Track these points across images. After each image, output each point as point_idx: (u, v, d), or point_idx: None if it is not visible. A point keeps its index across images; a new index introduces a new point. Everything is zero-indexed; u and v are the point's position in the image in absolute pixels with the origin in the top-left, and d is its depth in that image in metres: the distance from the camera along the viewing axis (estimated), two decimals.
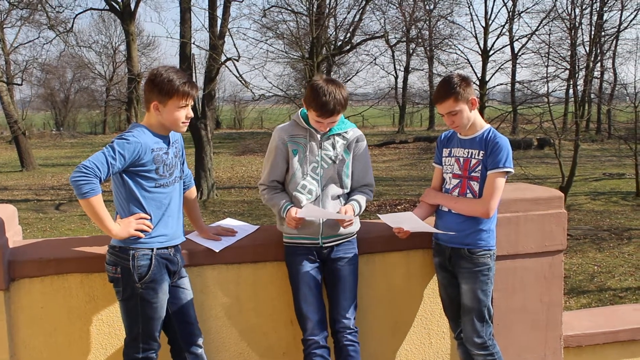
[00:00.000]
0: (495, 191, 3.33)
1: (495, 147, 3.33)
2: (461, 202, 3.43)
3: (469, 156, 3.44)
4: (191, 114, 3.22)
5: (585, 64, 16.63)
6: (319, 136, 3.51)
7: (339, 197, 3.54)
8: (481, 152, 3.39)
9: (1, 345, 3.28)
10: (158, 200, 3.15)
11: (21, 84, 34.59)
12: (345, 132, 3.57)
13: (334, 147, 3.53)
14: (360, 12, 23.05)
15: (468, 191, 3.43)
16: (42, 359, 3.41)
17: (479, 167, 3.39)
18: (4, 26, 35.25)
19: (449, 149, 3.58)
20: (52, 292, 3.38)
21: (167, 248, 3.19)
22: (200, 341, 3.36)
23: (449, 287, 3.60)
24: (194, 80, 3.24)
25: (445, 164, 3.58)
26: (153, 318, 3.15)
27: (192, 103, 3.25)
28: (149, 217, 3.12)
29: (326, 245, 3.51)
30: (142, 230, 3.09)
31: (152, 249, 3.13)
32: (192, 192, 3.60)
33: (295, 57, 23.03)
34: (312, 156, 3.50)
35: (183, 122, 3.18)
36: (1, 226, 3.25)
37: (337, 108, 3.35)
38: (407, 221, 3.42)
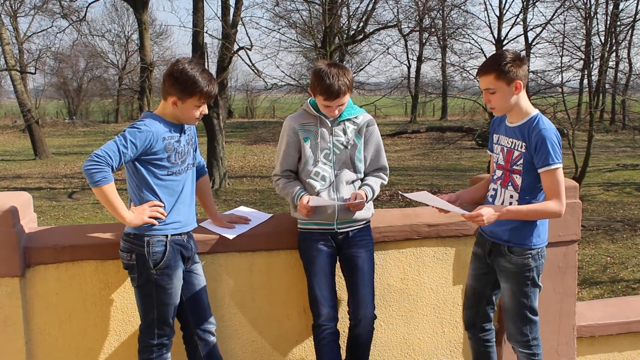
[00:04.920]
0: (560, 186, 3.06)
1: (538, 142, 3.04)
2: (532, 210, 3.12)
3: (512, 147, 3.20)
4: (206, 111, 3.23)
5: (600, 54, 16.47)
6: (329, 123, 3.51)
7: (353, 182, 3.53)
8: (523, 144, 3.12)
9: (17, 331, 3.31)
10: (171, 187, 3.17)
11: (34, 73, 34.60)
12: (356, 117, 3.56)
13: (344, 132, 3.52)
14: (373, 1, 22.92)
15: (510, 183, 3.21)
16: (57, 345, 3.44)
17: (521, 161, 3.14)
18: (18, 15, 35.38)
19: (497, 136, 3.35)
20: (67, 278, 3.40)
21: (180, 234, 3.22)
22: (212, 328, 3.37)
23: (478, 280, 3.47)
24: (211, 72, 3.22)
25: (494, 152, 3.37)
26: (168, 304, 3.17)
27: (211, 101, 3.26)
28: (163, 205, 3.14)
29: (341, 230, 3.51)
30: (155, 218, 3.10)
31: (167, 236, 3.15)
32: (205, 179, 3.61)
33: (308, 46, 22.96)
34: (324, 143, 3.50)
35: (196, 118, 3.21)
36: (16, 213, 3.27)
37: (342, 89, 3.34)
38: (428, 200, 3.19)
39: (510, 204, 3.19)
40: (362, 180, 3.59)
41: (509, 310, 3.32)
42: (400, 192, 3.51)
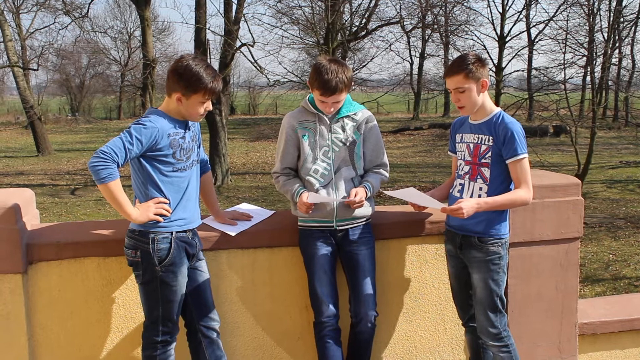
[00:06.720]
0: (526, 174, 3.28)
1: (507, 135, 3.25)
2: (504, 198, 3.29)
3: (478, 142, 3.37)
4: (210, 107, 3.23)
5: (603, 51, 16.42)
6: (327, 120, 3.50)
7: (352, 179, 3.52)
8: (490, 137, 3.31)
9: (19, 328, 3.32)
10: (176, 184, 3.17)
11: (37, 69, 34.78)
12: (354, 114, 3.56)
13: (343, 129, 3.52)
14: None
15: (478, 176, 3.36)
16: (59, 342, 3.44)
17: (489, 154, 3.32)
18: (20, 12, 35.45)
19: (460, 135, 3.52)
20: (69, 275, 3.41)
21: (185, 231, 3.22)
22: (216, 325, 3.38)
23: (459, 275, 3.57)
24: (215, 69, 3.22)
25: (458, 150, 3.54)
26: (172, 301, 3.17)
27: (215, 97, 3.26)
28: (168, 202, 3.14)
29: (340, 228, 3.51)
30: (161, 215, 3.10)
31: (172, 233, 3.15)
32: (209, 176, 3.61)
33: (311, 42, 22.97)
34: (323, 140, 3.50)
35: (201, 115, 3.20)
36: (19, 210, 3.27)
37: (339, 86, 3.34)
38: (412, 196, 3.38)
39: (480, 195, 3.35)
40: (361, 177, 3.58)
41: (482, 301, 3.40)
42: (384, 191, 3.55)
